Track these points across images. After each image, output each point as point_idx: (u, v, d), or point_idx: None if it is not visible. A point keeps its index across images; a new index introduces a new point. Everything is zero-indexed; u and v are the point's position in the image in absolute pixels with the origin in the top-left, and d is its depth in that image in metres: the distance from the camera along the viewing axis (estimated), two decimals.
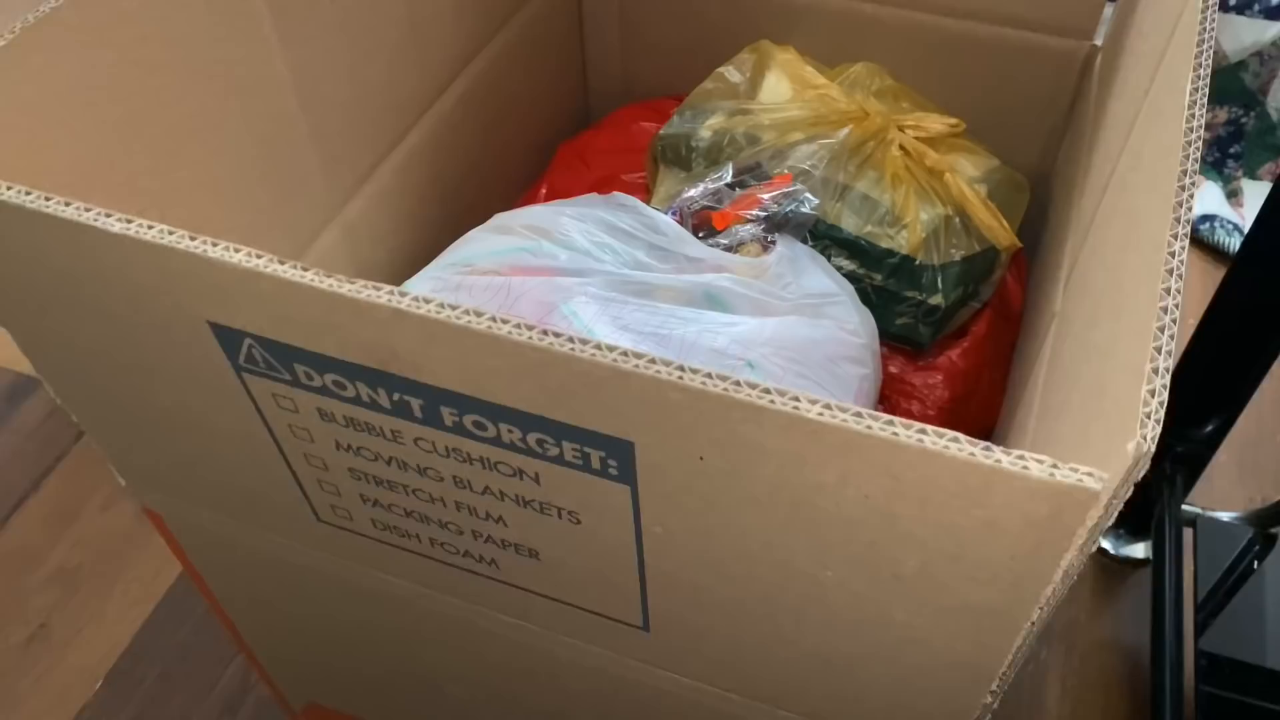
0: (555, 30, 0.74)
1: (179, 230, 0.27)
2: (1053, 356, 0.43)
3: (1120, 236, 0.36)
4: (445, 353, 0.26)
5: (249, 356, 0.30)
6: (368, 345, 0.27)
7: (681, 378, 0.23)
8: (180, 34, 0.41)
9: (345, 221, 0.55)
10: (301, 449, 0.33)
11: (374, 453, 0.31)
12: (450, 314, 0.24)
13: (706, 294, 0.53)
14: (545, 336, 0.24)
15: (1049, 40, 0.64)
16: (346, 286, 0.25)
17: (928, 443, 0.22)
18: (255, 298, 0.27)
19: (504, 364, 0.25)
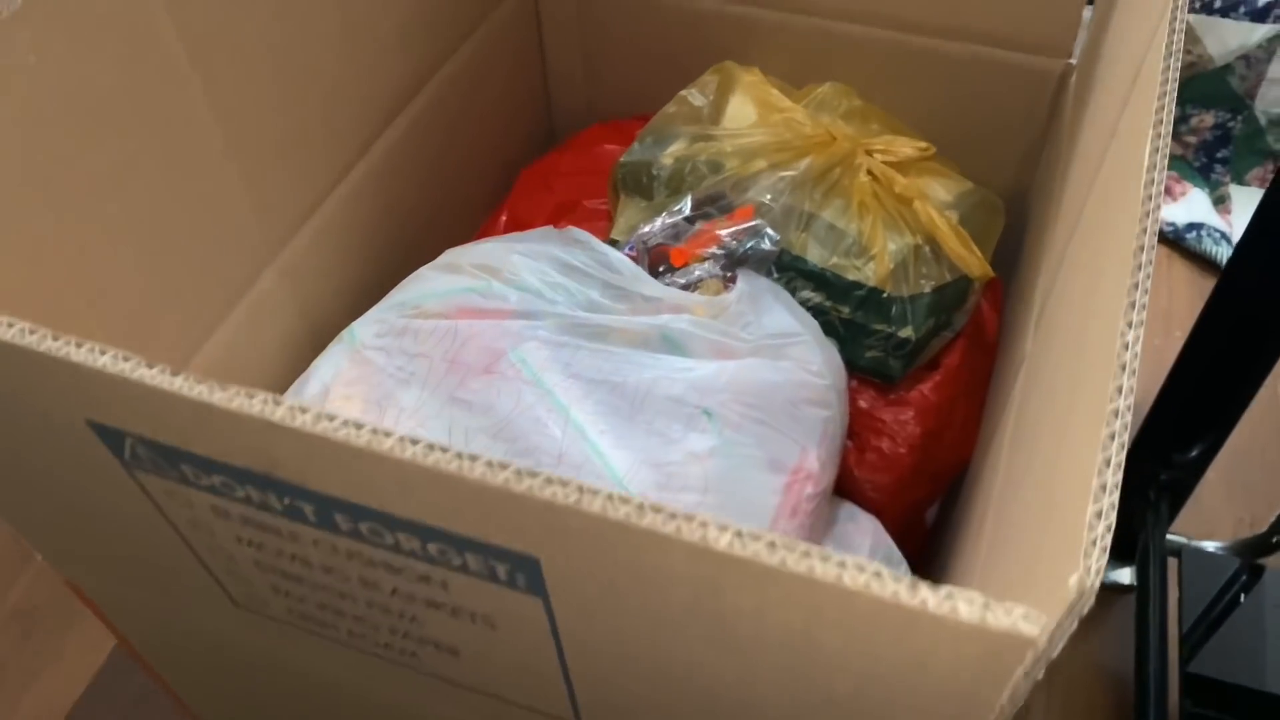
0: (514, 51, 0.72)
1: (41, 329, 0.24)
2: (1014, 428, 0.41)
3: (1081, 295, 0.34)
4: (328, 464, 0.23)
5: (134, 455, 0.27)
6: (248, 451, 0.25)
7: (579, 502, 0.21)
8: (87, 85, 0.38)
9: (285, 263, 0.53)
10: (205, 541, 0.31)
11: (275, 550, 0.29)
12: (328, 427, 0.22)
13: (664, 336, 0.51)
14: (431, 452, 0.22)
15: (1023, 58, 0.62)
16: (218, 394, 0.23)
17: (846, 579, 0.19)
18: (130, 400, 0.25)
19: (389, 480, 0.23)
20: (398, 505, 0.24)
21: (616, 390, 0.48)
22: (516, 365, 0.49)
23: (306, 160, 0.52)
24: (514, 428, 0.46)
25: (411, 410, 0.47)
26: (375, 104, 0.57)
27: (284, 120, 0.49)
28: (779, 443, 0.48)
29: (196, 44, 0.43)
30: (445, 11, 0.62)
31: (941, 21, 0.62)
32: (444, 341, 0.50)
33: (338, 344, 0.53)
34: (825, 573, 0.20)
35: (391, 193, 0.60)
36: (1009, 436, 0.46)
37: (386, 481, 0.23)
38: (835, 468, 0.53)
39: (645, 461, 0.45)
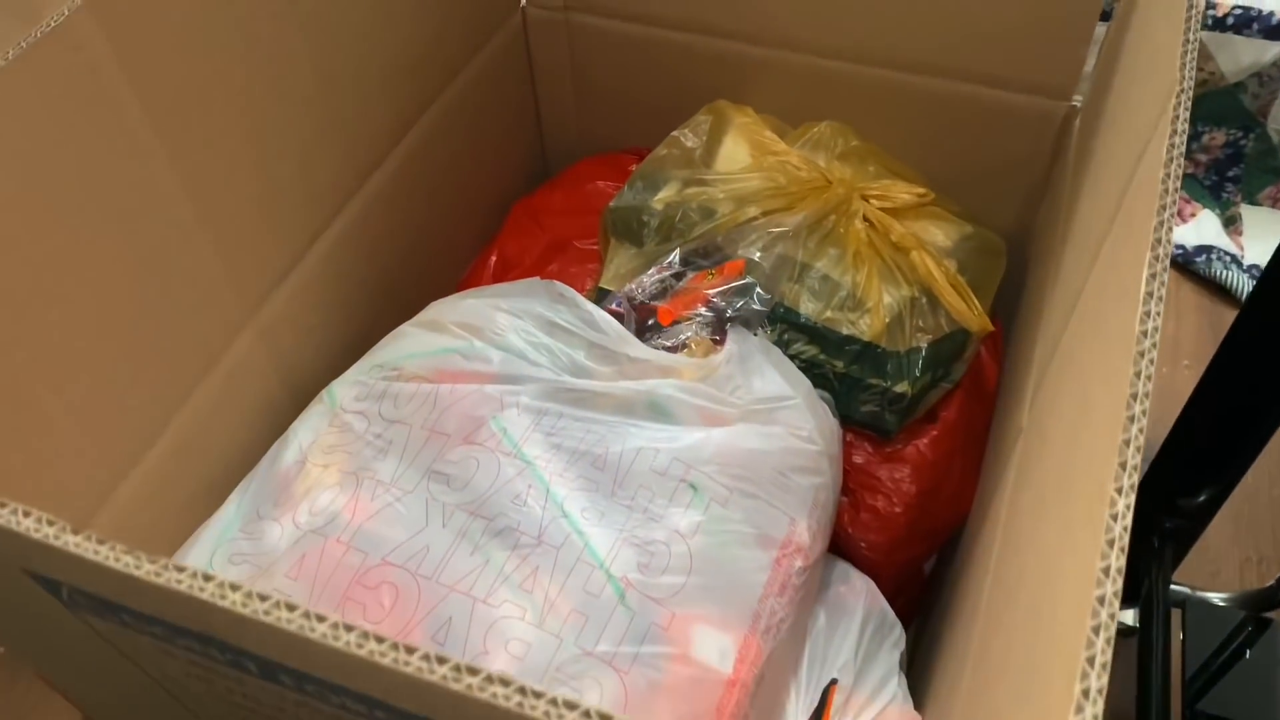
0: (505, 87, 0.70)
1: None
2: (1002, 544, 0.39)
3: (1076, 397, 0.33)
4: (261, 638, 0.22)
5: (73, 601, 0.26)
6: (185, 615, 0.23)
7: (522, 706, 0.19)
8: (43, 166, 0.37)
9: (262, 324, 0.51)
10: (157, 672, 0.30)
11: (225, 687, 0.28)
12: (259, 608, 0.21)
13: (649, 403, 0.49)
14: (366, 642, 0.20)
15: (1025, 99, 0.60)
16: (145, 568, 0.22)
17: None
18: (65, 563, 0.23)
19: (326, 662, 0.21)
20: (339, 678, 0.23)
21: (599, 462, 0.46)
22: (497, 434, 0.47)
23: (283, 219, 0.51)
24: (493, 504, 0.45)
25: (389, 483, 0.46)
26: (357, 154, 0.56)
27: (258, 183, 0.48)
28: (768, 515, 0.47)
29: (161, 115, 0.41)
30: (432, 52, 0.61)
31: (940, 62, 0.60)
32: (424, 407, 0.49)
33: (317, 405, 0.52)
34: None
35: (375, 242, 0.59)
36: (1005, 514, 0.44)
37: (323, 661, 0.22)
38: (828, 535, 0.51)
39: (628, 540, 0.44)
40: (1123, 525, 0.22)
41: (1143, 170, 0.33)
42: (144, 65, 0.40)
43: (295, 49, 0.48)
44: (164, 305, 0.45)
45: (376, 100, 0.56)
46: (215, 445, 0.50)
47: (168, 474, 0.48)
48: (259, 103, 0.47)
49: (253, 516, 0.47)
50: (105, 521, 0.44)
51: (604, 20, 0.67)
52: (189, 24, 0.41)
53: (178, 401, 0.47)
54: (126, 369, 0.43)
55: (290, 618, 0.21)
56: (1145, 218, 0.29)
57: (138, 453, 0.45)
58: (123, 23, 0.38)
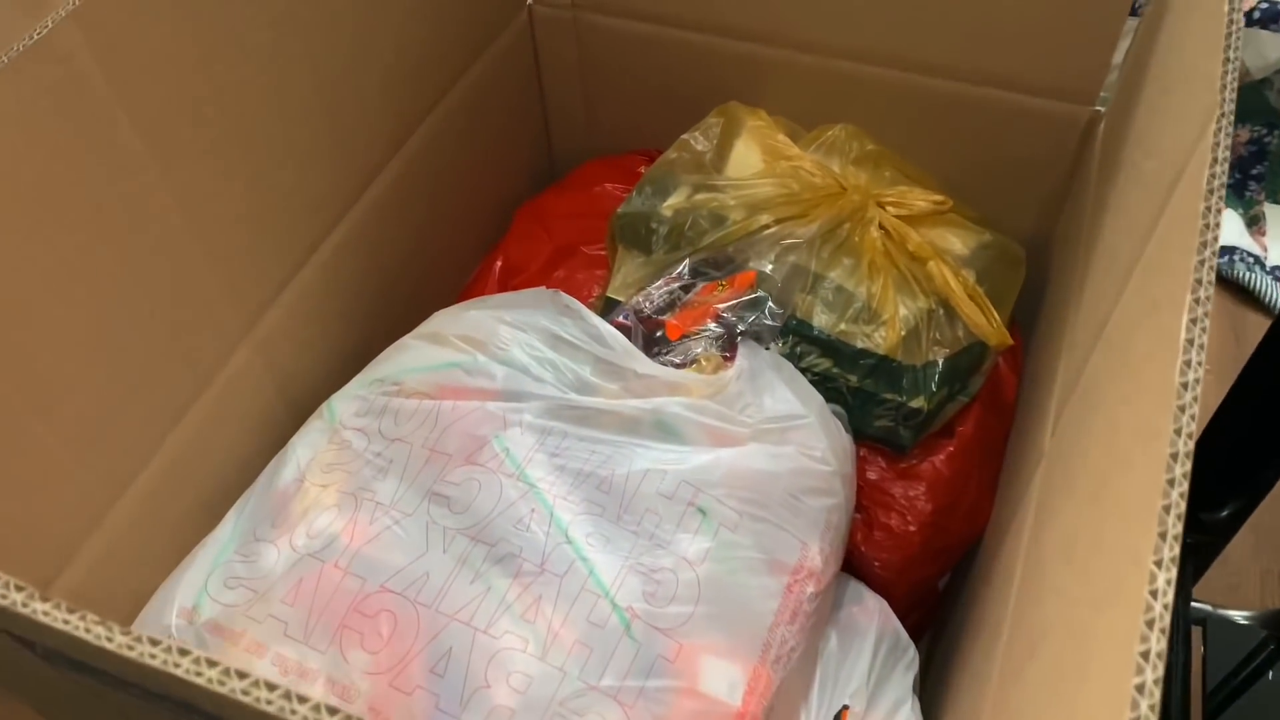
0: (511, 87, 0.69)
1: None
2: (1023, 580, 0.38)
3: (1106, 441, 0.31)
4: (241, 715, 0.21)
5: (49, 658, 0.25)
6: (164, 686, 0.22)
7: None
8: (32, 184, 0.36)
9: (259, 337, 0.50)
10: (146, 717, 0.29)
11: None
12: (237, 686, 0.20)
13: (656, 422, 0.48)
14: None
15: (1047, 104, 0.58)
16: (117, 639, 0.20)
17: None
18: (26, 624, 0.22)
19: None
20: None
21: (604, 485, 0.45)
22: (499, 455, 0.46)
23: (281, 230, 0.49)
24: (495, 529, 0.43)
25: (388, 504, 0.45)
26: (357, 161, 0.54)
27: (254, 194, 0.46)
28: (778, 540, 0.45)
29: (151, 128, 0.40)
30: (435, 54, 0.59)
31: (959, 64, 0.58)
32: (425, 425, 0.48)
33: (317, 420, 0.50)
34: None
35: (376, 250, 0.57)
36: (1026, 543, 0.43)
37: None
38: (840, 556, 0.50)
39: (634, 568, 0.43)
40: (1163, 603, 0.20)
41: (1179, 198, 0.31)
42: (132, 77, 0.38)
43: (292, 57, 0.47)
44: (157, 322, 0.43)
45: (377, 105, 0.54)
46: (211, 461, 0.49)
47: (163, 492, 0.46)
48: (255, 112, 0.45)
49: (249, 538, 0.46)
50: (99, 544, 0.43)
51: (613, 19, 0.65)
52: (179, 35, 0.40)
53: (172, 419, 0.46)
54: (118, 389, 0.42)
55: (270, 698, 0.19)
56: (1184, 254, 0.27)
57: (131, 473, 0.44)
58: (109, 34, 0.37)
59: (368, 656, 0.40)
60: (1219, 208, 0.27)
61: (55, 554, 0.41)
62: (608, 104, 0.71)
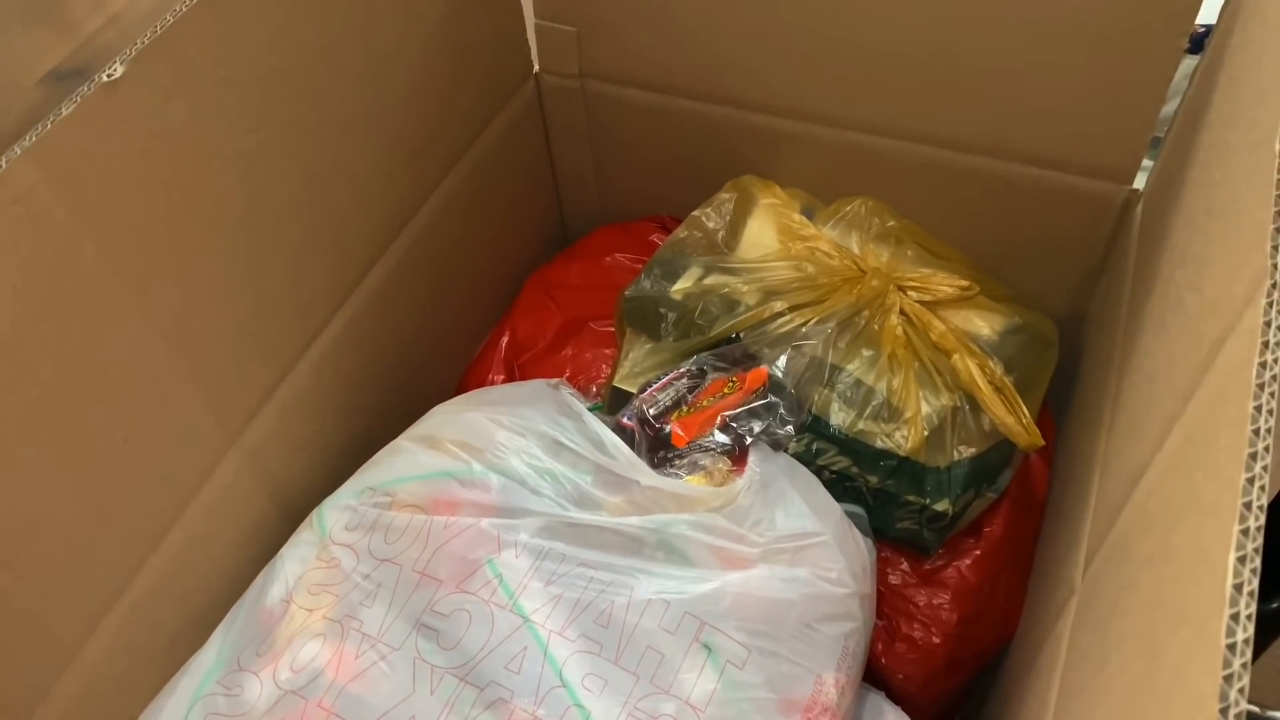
0: (520, 152, 0.66)
1: None
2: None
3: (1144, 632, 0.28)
4: None
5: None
6: None
7: None
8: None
9: (248, 446, 0.48)
10: None
11: None
12: None
13: (660, 542, 0.45)
14: None
15: (1081, 181, 0.55)
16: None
17: None
18: None
19: None
20: None
21: (602, 619, 0.42)
22: (492, 582, 0.43)
23: (268, 335, 0.47)
24: (485, 670, 0.41)
25: (375, 636, 0.42)
26: (354, 252, 0.52)
27: (239, 303, 0.44)
28: (791, 675, 0.42)
29: (120, 254, 0.38)
30: (439, 131, 0.57)
31: (989, 141, 0.55)
32: (416, 544, 0.45)
33: (306, 531, 0.48)
34: None
35: (374, 341, 0.55)
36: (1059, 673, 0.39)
37: None
38: (859, 681, 0.47)
39: (633, 714, 0.40)
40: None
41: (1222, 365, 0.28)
42: (97, 206, 0.36)
43: (277, 158, 0.44)
44: (132, 448, 0.41)
45: (375, 192, 0.52)
46: (198, 577, 0.47)
47: (144, 617, 0.44)
48: (236, 220, 0.43)
49: (233, 666, 0.44)
50: (73, 681, 0.41)
51: (622, 88, 0.62)
52: (148, 155, 0.38)
53: (152, 541, 0.44)
54: (91, 522, 0.40)
55: None
56: (1234, 453, 0.24)
57: (108, 603, 0.42)
58: (69, 167, 0.34)
59: None
60: (1271, 405, 0.24)
61: (27, 695, 0.39)
62: (619, 171, 0.68)
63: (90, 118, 0.35)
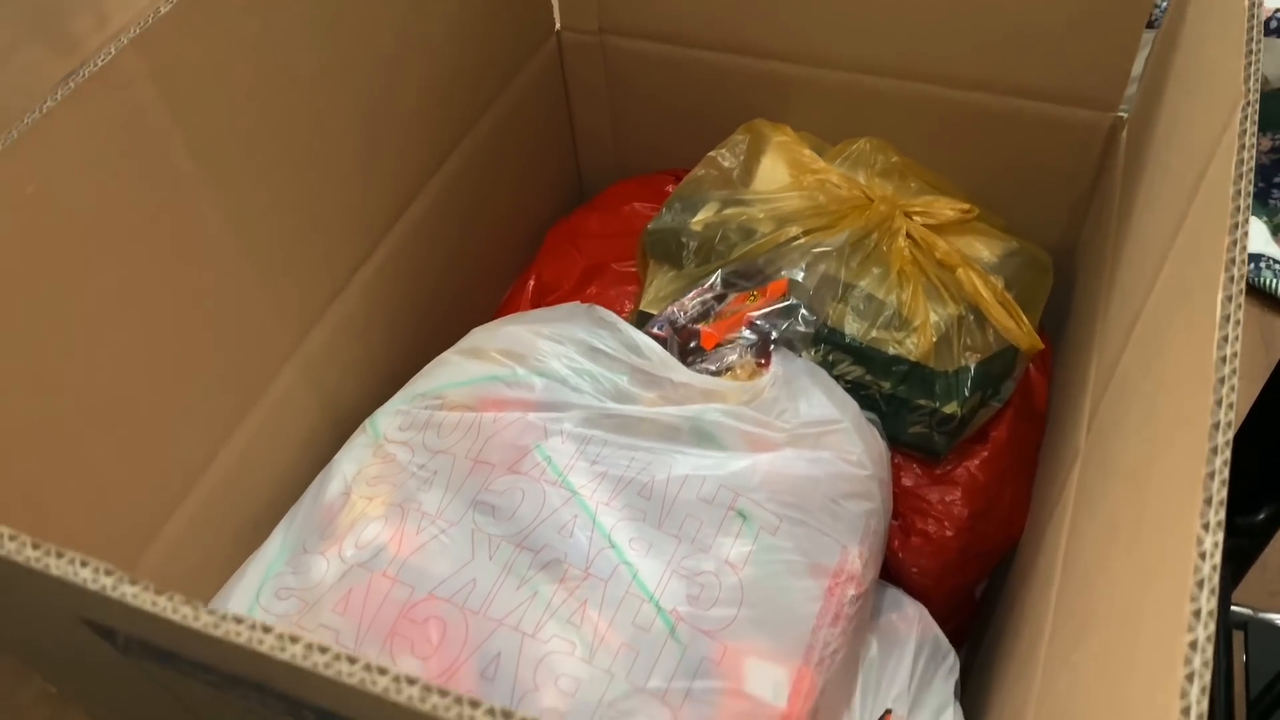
0: (541, 113, 0.70)
1: (21, 536, 0.23)
2: (1064, 575, 0.38)
3: (1143, 428, 0.32)
4: (320, 691, 0.22)
5: (128, 648, 0.26)
6: (242, 665, 0.23)
7: None
8: (89, 207, 0.37)
9: (305, 356, 0.51)
10: (214, 715, 0.29)
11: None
12: (319, 660, 0.20)
13: (694, 428, 0.48)
14: (429, 696, 0.20)
15: (1069, 110, 0.59)
16: (203, 619, 0.21)
17: None
18: (115, 609, 0.23)
19: (388, 716, 0.21)
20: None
21: (645, 491, 0.46)
22: (541, 463, 0.47)
23: (325, 251, 0.51)
24: (539, 536, 0.44)
25: (434, 514, 0.46)
26: (396, 184, 0.56)
27: (300, 216, 0.48)
28: (819, 543, 0.46)
29: (206, 153, 0.41)
30: (467, 80, 0.61)
31: (981, 74, 0.59)
32: (468, 436, 0.49)
33: (360, 436, 0.51)
34: None
35: (415, 271, 0.59)
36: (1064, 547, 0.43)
37: (385, 717, 0.21)
38: (879, 561, 0.50)
39: (676, 571, 0.43)
40: (1211, 564, 0.21)
41: (1207, 187, 0.32)
42: (187, 103, 0.40)
43: (334, 83, 0.48)
44: (210, 340, 0.45)
45: (413, 131, 0.56)
46: (260, 478, 0.50)
47: (214, 509, 0.47)
48: (300, 137, 0.47)
49: (298, 550, 0.47)
50: (153, 559, 0.44)
51: (639, 42, 0.67)
52: (231, 62, 0.41)
53: (223, 436, 0.47)
54: (173, 406, 0.43)
55: (351, 670, 0.20)
56: (1216, 236, 0.28)
57: (184, 489, 0.45)
58: (167, 61, 0.38)
59: (418, 663, 0.41)
60: (1249, 190, 0.27)
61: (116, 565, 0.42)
62: (635, 126, 0.72)
63: (182, 19, 0.38)
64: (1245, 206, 0.28)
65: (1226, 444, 0.22)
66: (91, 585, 0.22)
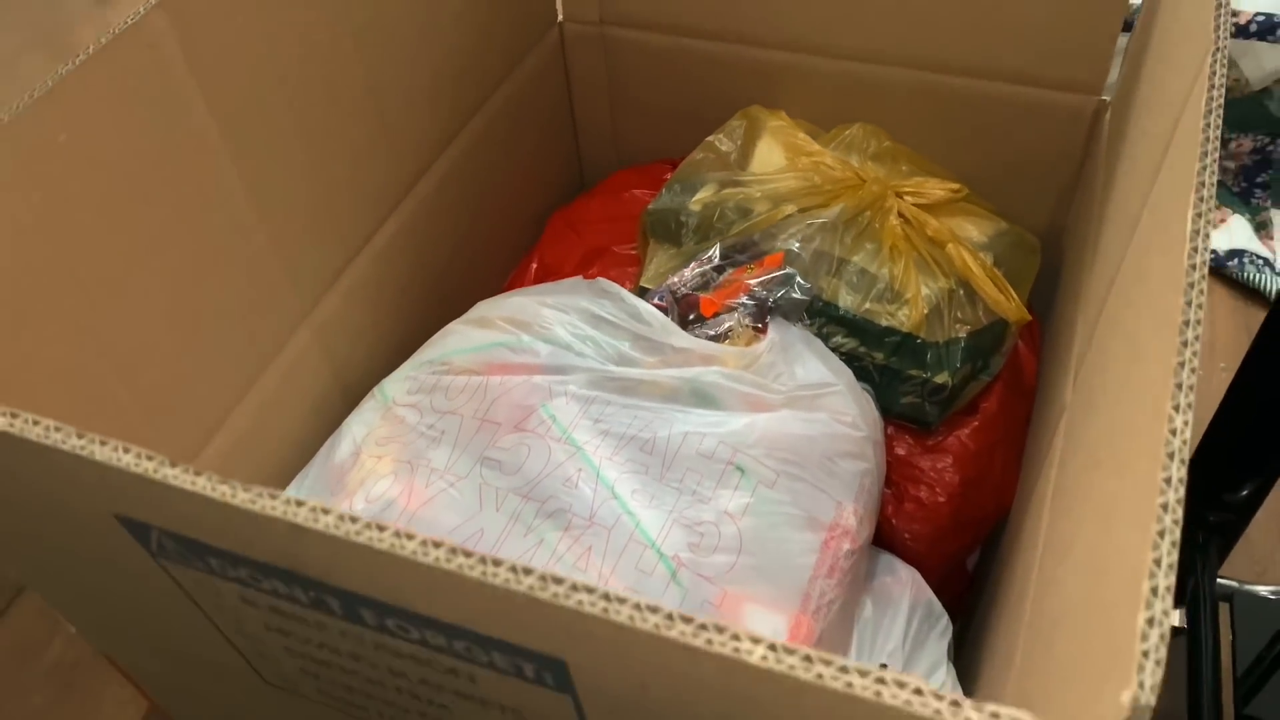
0: (543, 101, 0.72)
1: (66, 427, 0.24)
2: (1055, 490, 0.40)
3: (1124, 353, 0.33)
4: (351, 565, 0.23)
5: (160, 547, 0.27)
6: (272, 549, 0.24)
7: (606, 611, 0.20)
8: (118, 161, 0.39)
9: (317, 323, 0.53)
10: (234, 627, 0.31)
11: (304, 637, 0.29)
12: (350, 529, 0.22)
13: (694, 390, 0.50)
14: (455, 556, 0.21)
15: (1054, 95, 0.61)
16: (240, 496, 0.23)
17: (886, 696, 0.19)
18: (153, 498, 0.25)
19: (414, 581, 0.22)
20: (422, 605, 0.23)
21: (647, 446, 0.47)
22: (547, 421, 0.48)
23: (336, 220, 0.52)
24: (544, 488, 0.45)
25: (442, 470, 0.47)
26: (403, 161, 0.57)
27: (312, 184, 0.50)
28: (815, 499, 0.47)
29: (226, 115, 0.43)
30: (473, 64, 0.63)
31: (969, 61, 0.62)
32: (474, 398, 0.50)
33: (370, 401, 0.53)
34: (863, 688, 0.19)
35: (422, 247, 0.60)
36: (1050, 495, 0.44)
37: (410, 583, 0.22)
38: (873, 522, 0.52)
39: (678, 521, 0.45)
40: (1181, 440, 0.22)
41: (1182, 130, 0.33)
42: (210, 65, 0.42)
43: (347, 58, 0.50)
44: (227, 300, 0.46)
45: (421, 109, 0.58)
46: (271, 440, 0.52)
47: (225, 469, 0.49)
48: (313, 108, 0.48)
49: None
50: None
51: (638, 32, 0.69)
52: (251, 28, 0.43)
53: (237, 395, 0.49)
54: (190, 362, 0.45)
55: (381, 537, 0.22)
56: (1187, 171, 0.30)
57: (198, 447, 0.47)
58: (192, 23, 0.40)
59: None
60: (1218, 124, 0.29)
61: None
62: (634, 115, 0.74)
63: None
64: (1215, 138, 0.30)
65: (1196, 338, 0.24)
66: (134, 469, 0.23)
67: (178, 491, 0.23)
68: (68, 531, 0.29)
